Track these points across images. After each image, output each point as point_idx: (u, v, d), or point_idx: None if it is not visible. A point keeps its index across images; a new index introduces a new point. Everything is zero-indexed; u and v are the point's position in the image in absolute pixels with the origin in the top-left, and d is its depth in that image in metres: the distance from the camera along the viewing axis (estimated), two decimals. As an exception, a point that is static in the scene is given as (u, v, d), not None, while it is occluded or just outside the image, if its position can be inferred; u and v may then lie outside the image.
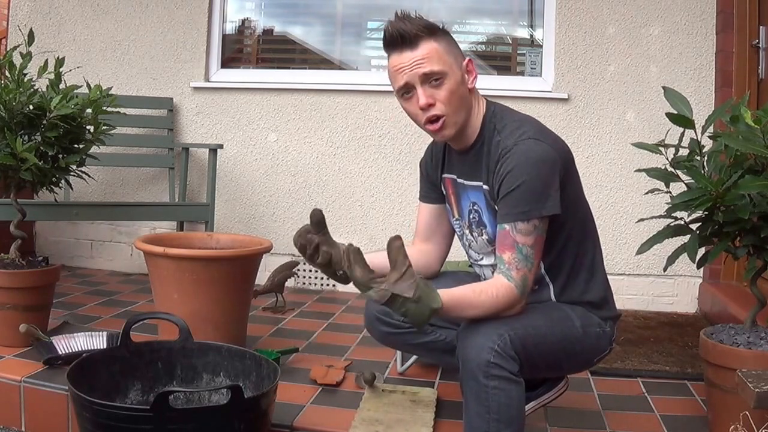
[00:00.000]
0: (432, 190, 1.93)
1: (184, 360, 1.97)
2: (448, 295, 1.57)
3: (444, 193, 1.90)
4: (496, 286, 1.62)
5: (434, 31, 1.68)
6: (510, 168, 1.62)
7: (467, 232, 1.83)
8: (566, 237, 1.74)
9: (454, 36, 1.77)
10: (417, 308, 1.50)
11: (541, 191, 1.61)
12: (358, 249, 1.52)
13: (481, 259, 1.84)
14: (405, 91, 1.69)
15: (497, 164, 1.66)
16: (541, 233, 1.63)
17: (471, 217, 1.80)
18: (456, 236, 1.94)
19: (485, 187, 1.72)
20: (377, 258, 1.88)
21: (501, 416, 1.55)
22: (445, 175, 1.88)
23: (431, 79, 1.65)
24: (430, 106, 1.66)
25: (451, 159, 1.85)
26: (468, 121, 1.72)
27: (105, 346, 2.40)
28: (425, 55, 1.64)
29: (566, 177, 1.68)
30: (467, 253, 1.90)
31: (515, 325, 1.59)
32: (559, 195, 1.63)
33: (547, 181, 1.62)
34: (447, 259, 2.09)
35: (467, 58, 1.74)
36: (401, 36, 1.65)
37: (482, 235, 1.78)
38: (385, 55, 1.74)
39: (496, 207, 1.68)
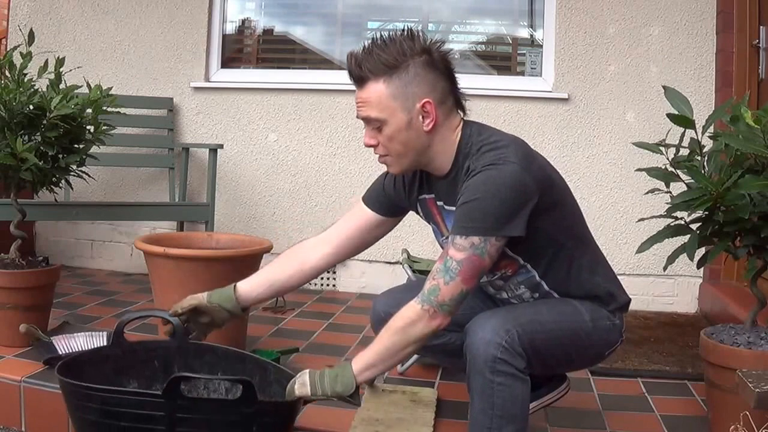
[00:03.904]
0: (388, 202, 1.86)
1: (180, 360, 1.94)
2: (362, 361, 1.61)
3: (421, 213, 1.85)
4: (401, 309, 1.62)
5: (390, 70, 1.60)
6: (470, 184, 1.58)
7: None
8: (554, 252, 1.70)
9: (454, 36, 1.73)
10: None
11: (494, 213, 1.54)
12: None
13: None
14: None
15: (464, 184, 1.62)
16: (479, 254, 1.54)
17: None
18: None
19: None
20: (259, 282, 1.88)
21: (504, 413, 1.55)
22: (425, 196, 1.81)
23: (371, 122, 1.65)
24: (371, 146, 1.67)
25: (431, 180, 1.79)
26: (425, 157, 1.68)
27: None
28: (366, 99, 1.63)
29: (548, 199, 1.63)
30: None
31: (523, 320, 1.59)
32: (525, 220, 1.57)
33: (506, 204, 1.55)
34: (421, 257, 2.03)
35: (424, 100, 1.61)
36: (350, 73, 1.66)
37: None
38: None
39: None
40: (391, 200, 1.86)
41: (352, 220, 1.89)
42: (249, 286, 1.84)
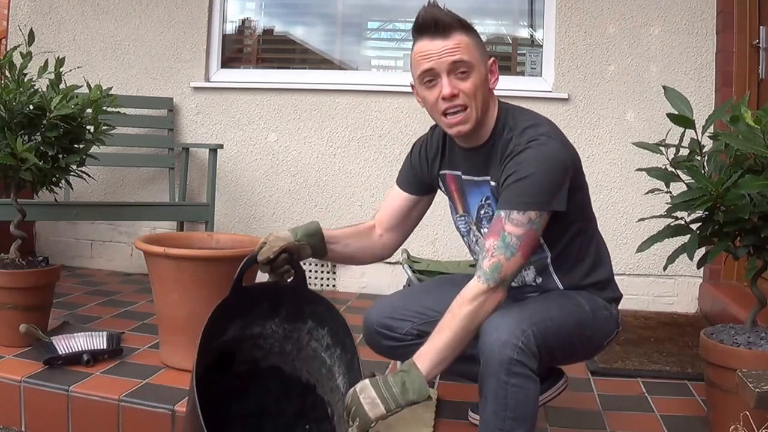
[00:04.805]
0: (416, 181, 1.90)
1: (293, 300, 1.80)
2: (428, 357, 1.56)
3: (443, 189, 1.89)
4: (458, 297, 1.60)
5: (466, 26, 1.67)
6: (521, 160, 1.62)
7: (474, 228, 1.83)
8: (575, 232, 1.75)
9: None
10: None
11: (547, 187, 1.60)
12: None
13: None
14: (429, 78, 1.66)
15: (507, 159, 1.65)
16: (535, 228, 1.60)
17: (482, 212, 1.79)
18: (460, 234, 1.93)
19: (493, 183, 1.72)
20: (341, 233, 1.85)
21: (517, 414, 1.55)
22: (445, 171, 1.86)
23: (458, 69, 1.64)
24: (454, 96, 1.64)
25: (453, 155, 1.83)
26: (484, 120, 1.71)
27: (105, 347, 2.40)
28: (457, 44, 1.64)
29: (576, 180, 1.68)
30: (472, 249, 1.88)
31: (535, 319, 1.59)
32: (566, 196, 1.63)
33: (555, 179, 1.61)
34: (448, 259, 2.07)
35: (492, 59, 1.73)
36: (435, 23, 1.64)
37: None
38: (386, 55, 1.73)
39: None
40: (418, 177, 1.89)
41: (390, 204, 1.93)
42: (329, 235, 1.80)
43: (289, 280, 1.76)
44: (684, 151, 1.97)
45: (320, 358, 1.77)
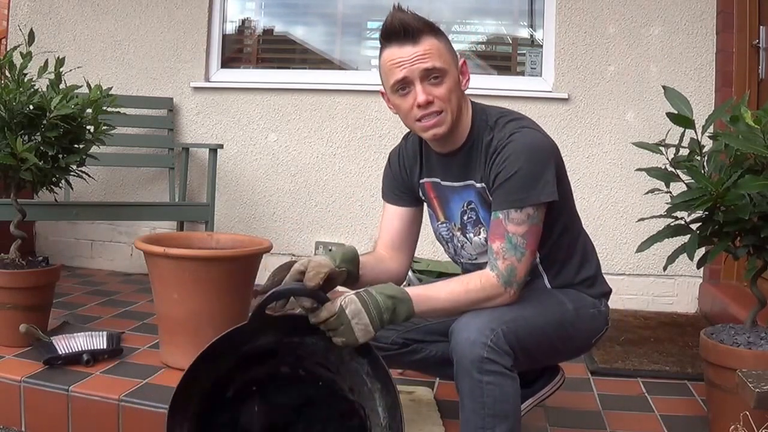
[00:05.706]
0: (404, 191, 1.87)
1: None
2: (417, 292, 1.59)
3: (423, 197, 1.87)
4: (475, 275, 1.62)
5: (435, 29, 1.65)
6: (506, 157, 1.61)
7: (458, 234, 1.81)
8: (562, 229, 1.74)
9: (455, 36, 1.76)
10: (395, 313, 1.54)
11: (537, 179, 1.60)
12: None
13: (476, 258, 1.80)
14: (402, 87, 1.64)
15: (493, 156, 1.64)
16: (535, 223, 1.61)
17: (466, 218, 1.77)
18: (441, 241, 1.90)
19: (479, 185, 1.70)
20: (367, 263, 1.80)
21: (496, 411, 1.54)
22: (424, 180, 1.83)
23: (431, 75, 1.62)
24: (429, 103, 1.62)
25: (430, 162, 1.81)
26: (459, 122, 1.69)
27: (105, 347, 2.40)
28: (427, 50, 1.61)
29: (559, 169, 1.68)
30: (457, 253, 1.85)
31: (506, 318, 1.57)
32: (556, 183, 1.63)
33: (543, 169, 1.61)
34: (447, 259, 2.06)
35: (463, 59, 1.72)
36: (404, 29, 1.62)
37: (479, 234, 1.75)
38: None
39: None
40: (403, 186, 1.87)
41: (388, 226, 1.89)
42: (362, 260, 1.73)
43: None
44: (684, 151, 1.98)
45: (362, 379, 1.66)
